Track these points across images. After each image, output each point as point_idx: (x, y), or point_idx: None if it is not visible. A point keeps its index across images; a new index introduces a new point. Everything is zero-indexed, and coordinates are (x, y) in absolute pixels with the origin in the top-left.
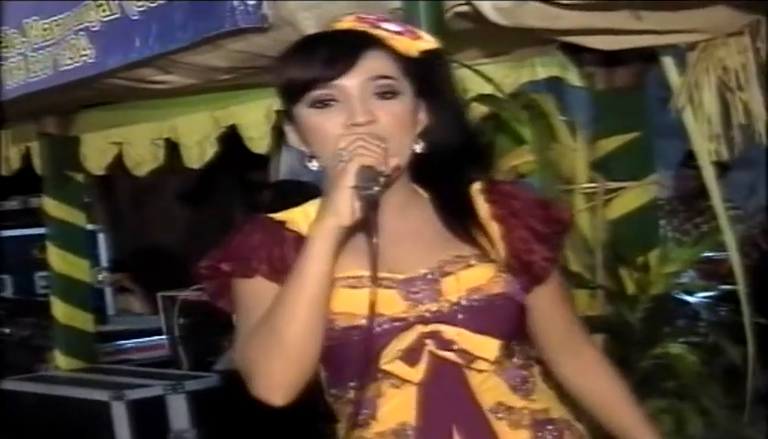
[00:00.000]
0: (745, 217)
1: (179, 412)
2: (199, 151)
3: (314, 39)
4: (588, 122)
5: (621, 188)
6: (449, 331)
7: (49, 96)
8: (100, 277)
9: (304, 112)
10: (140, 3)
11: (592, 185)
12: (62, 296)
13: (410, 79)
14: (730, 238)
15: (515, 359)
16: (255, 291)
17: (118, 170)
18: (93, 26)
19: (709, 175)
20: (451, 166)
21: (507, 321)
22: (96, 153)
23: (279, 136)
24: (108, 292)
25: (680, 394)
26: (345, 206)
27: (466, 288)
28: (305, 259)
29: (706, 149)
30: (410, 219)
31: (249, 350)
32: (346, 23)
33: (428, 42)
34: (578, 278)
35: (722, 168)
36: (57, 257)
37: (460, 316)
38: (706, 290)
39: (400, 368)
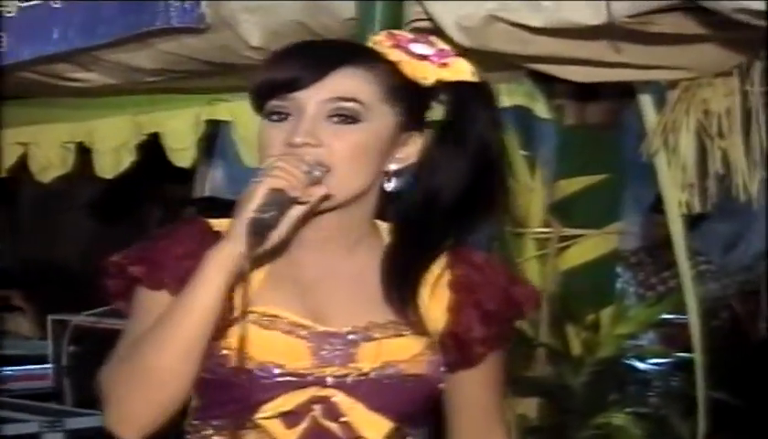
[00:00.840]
0: (720, 274)
1: None
2: (115, 159)
3: (297, 46)
4: (551, 159)
5: (578, 236)
6: (344, 402)
7: None
8: None
9: (262, 121)
10: None
11: (546, 230)
12: None
13: (396, 107)
14: (691, 299)
15: None
16: (155, 305)
17: (21, 173)
18: (8, 12)
19: (677, 228)
20: (439, 218)
21: (410, 404)
22: None
23: (206, 148)
24: None
25: None
26: (243, 232)
27: (383, 360)
28: (193, 286)
29: (676, 199)
30: (358, 263)
31: (113, 373)
32: (377, 37)
33: (455, 72)
34: (518, 333)
35: (697, 218)
36: None
37: (362, 389)
38: (660, 356)
39: (275, 427)
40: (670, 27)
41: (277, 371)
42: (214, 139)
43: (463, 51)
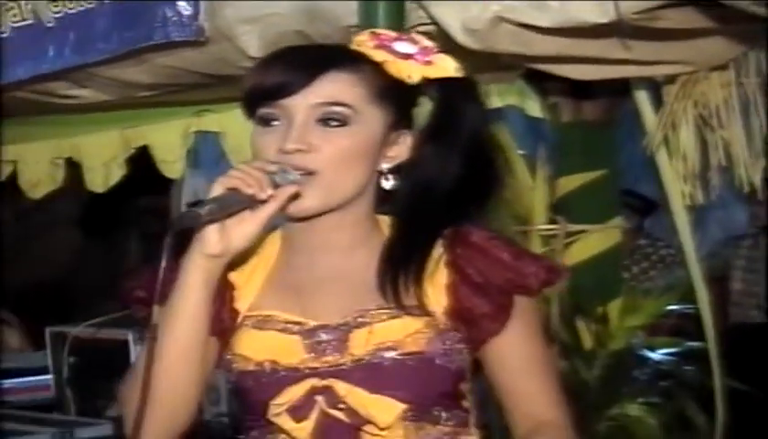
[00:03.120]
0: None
1: None
2: (105, 173)
3: (285, 51)
4: (549, 157)
5: (582, 232)
6: (342, 388)
7: None
8: None
9: (254, 127)
10: (57, 8)
11: (551, 227)
12: None
13: (385, 108)
14: (701, 289)
15: (440, 426)
16: None
17: (9, 190)
18: (2, 32)
19: (682, 220)
20: (435, 208)
21: (419, 383)
22: None
23: (188, 159)
24: None
25: None
26: (206, 233)
27: (375, 343)
28: (176, 293)
29: (680, 191)
30: (356, 260)
31: (126, 387)
32: (360, 37)
33: (439, 69)
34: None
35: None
36: None
37: (358, 373)
38: (671, 346)
39: (286, 422)
40: (675, 23)
41: (272, 369)
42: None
43: (463, 53)
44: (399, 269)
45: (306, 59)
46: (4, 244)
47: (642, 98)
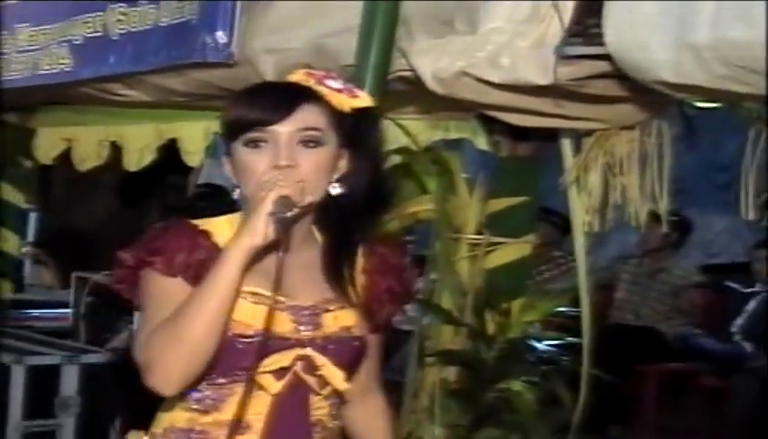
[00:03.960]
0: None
1: (70, 381)
2: (139, 156)
3: (261, 88)
4: (486, 182)
5: (501, 243)
6: (318, 359)
7: (22, 93)
8: (23, 250)
9: (239, 149)
10: (122, 26)
11: (478, 237)
12: None
13: (336, 131)
14: (585, 296)
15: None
16: (172, 290)
17: (64, 162)
18: (76, 40)
19: (579, 242)
20: (353, 212)
21: (356, 360)
22: (48, 145)
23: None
24: (27, 264)
25: (513, 427)
26: (260, 228)
27: (340, 326)
28: (218, 269)
29: (582, 219)
30: (303, 256)
31: (151, 344)
32: (296, 75)
33: (362, 100)
34: (447, 315)
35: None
36: None
37: (330, 347)
38: (554, 339)
39: (266, 380)
40: (600, 90)
41: (267, 335)
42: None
43: (432, 95)
44: (338, 272)
45: (284, 95)
46: (54, 201)
47: (565, 144)
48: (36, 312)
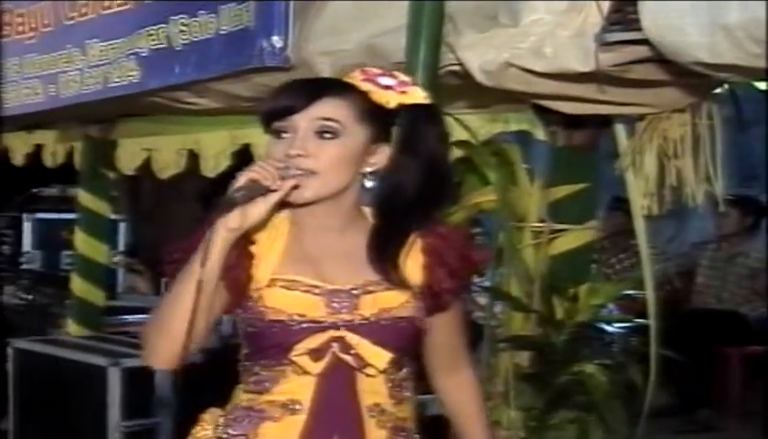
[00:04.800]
0: (663, 258)
1: (165, 382)
2: (215, 163)
3: (291, 82)
4: (546, 171)
5: (564, 230)
6: (353, 339)
7: (97, 106)
8: (115, 259)
9: (269, 139)
10: (184, 36)
11: (541, 225)
12: (81, 274)
13: (367, 125)
14: (649, 278)
15: (401, 372)
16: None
17: (145, 172)
18: (142, 52)
19: (640, 225)
20: (405, 203)
21: (404, 340)
22: (129, 156)
23: None
24: (120, 272)
25: (588, 408)
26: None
27: (379, 307)
28: (196, 254)
29: (640, 203)
30: (348, 239)
31: (146, 323)
32: (352, 74)
33: (411, 96)
34: (516, 302)
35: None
36: (82, 240)
37: (365, 329)
38: (622, 322)
39: (304, 361)
40: (642, 75)
41: (301, 319)
42: None
43: (484, 88)
44: (382, 254)
45: (309, 88)
46: (144, 211)
47: (619, 130)
48: (130, 317)
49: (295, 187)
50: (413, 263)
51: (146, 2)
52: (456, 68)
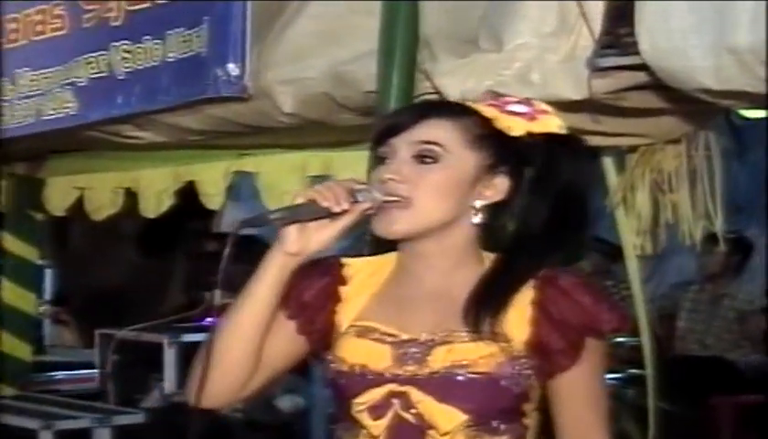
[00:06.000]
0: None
1: None
2: (157, 202)
3: (407, 106)
4: None
5: None
6: (415, 395)
7: (27, 141)
8: (41, 309)
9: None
10: (127, 64)
11: None
12: (7, 326)
13: (481, 152)
14: (644, 323)
15: (497, 437)
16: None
17: (77, 212)
18: (80, 82)
19: (633, 267)
20: (524, 243)
21: (483, 399)
22: (59, 195)
23: (228, 192)
24: (46, 323)
25: None
26: (287, 233)
27: (452, 360)
28: (252, 280)
29: (632, 243)
30: (455, 281)
31: (195, 358)
32: (482, 96)
33: (543, 125)
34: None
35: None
36: (8, 289)
37: (431, 384)
38: (615, 372)
39: (365, 418)
40: (637, 103)
41: (362, 371)
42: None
43: None
44: (481, 301)
45: (415, 109)
46: (72, 256)
47: (608, 164)
48: (60, 374)
49: (374, 214)
50: (518, 316)
51: (84, 27)
52: (433, 97)
